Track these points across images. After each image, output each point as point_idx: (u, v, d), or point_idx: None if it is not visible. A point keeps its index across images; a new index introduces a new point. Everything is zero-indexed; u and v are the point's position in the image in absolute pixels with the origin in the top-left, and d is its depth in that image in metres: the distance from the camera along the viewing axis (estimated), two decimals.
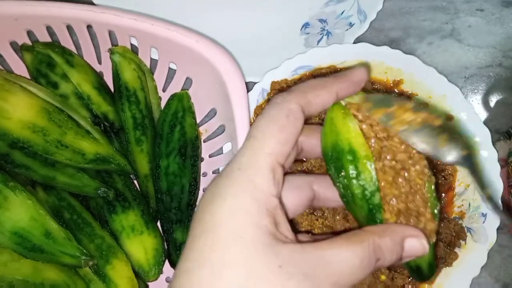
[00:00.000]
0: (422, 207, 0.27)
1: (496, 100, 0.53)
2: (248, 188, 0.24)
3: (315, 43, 0.53)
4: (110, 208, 0.42)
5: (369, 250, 0.24)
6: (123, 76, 0.44)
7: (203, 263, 0.22)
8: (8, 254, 0.37)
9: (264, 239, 0.22)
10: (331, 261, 0.23)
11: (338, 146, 0.26)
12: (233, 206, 0.23)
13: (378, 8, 0.51)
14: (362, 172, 0.26)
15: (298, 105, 0.25)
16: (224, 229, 0.23)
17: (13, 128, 0.38)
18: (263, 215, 0.23)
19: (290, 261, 0.22)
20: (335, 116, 0.27)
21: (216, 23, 0.55)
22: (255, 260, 0.22)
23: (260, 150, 0.24)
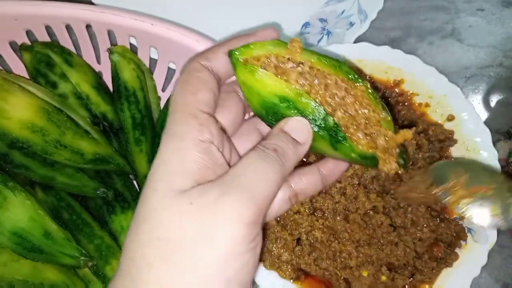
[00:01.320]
0: (377, 124, 0.27)
1: (497, 100, 0.53)
2: (171, 141, 0.24)
3: (315, 43, 0.53)
4: (110, 209, 0.42)
5: (261, 147, 0.25)
6: (122, 76, 0.43)
7: (132, 225, 0.24)
8: (7, 254, 0.36)
9: (178, 185, 0.23)
10: (236, 173, 0.24)
11: (268, 103, 0.27)
12: (157, 164, 0.24)
13: (379, 8, 0.51)
14: (305, 108, 0.26)
15: (196, 62, 0.27)
16: (147, 189, 0.24)
17: (12, 128, 0.38)
18: (185, 162, 0.24)
19: (200, 195, 0.23)
20: (245, 78, 0.27)
21: (216, 22, 0.55)
22: (165, 208, 0.23)
23: (176, 108, 0.26)
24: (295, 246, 0.42)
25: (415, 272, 0.42)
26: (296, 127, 0.27)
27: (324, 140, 0.27)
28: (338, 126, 0.27)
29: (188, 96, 0.25)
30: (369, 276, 0.41)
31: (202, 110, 0.25)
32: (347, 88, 0.27)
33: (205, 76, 0.26)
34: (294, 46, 0.27)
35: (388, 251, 0.42)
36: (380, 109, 0.28)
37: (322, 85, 0.27)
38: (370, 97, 0.27)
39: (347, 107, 0.27)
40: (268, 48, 0.27)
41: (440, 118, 0.46)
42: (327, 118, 0.26)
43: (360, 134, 0.27)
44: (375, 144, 0.28)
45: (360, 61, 0.47)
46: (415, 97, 0.47)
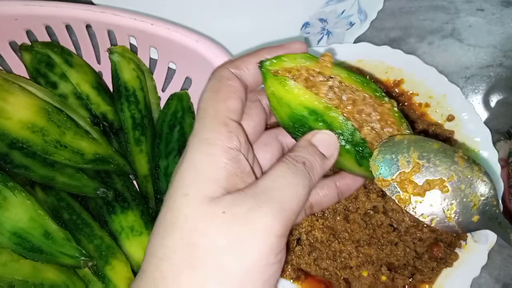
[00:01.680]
0: (396, 130, 0.28)
1: (497, 100, 0.53)
2: (201, 146, 0.24)
3: (315, 43, 0.53)
4: (109, 209, 0.42)
5: (290, 160, 0.25)
6: (122, 76, 0.43)
7: (158, 230, 0.24)
8: (8, 254, 0.36)
9: (209, 192, 0.23)
10: (267, 186, 0.24)
11: (296, 115, 0.27)
12: (185, 168, 0.24)
13: (379, 8, 0.51)
14: (333, 122, 0.26)
15: (227, 70, 0.27)
16: (175, 193, 0.24)
17: (12, 128, 0.38)
18: (215, 168, 0.24)
19: (232, 204, 0.23)
20: (275, 89, 0.26)
21: (216, 23, 0.55)
22: (198, 215, 0.23)
23: (206, 115, 0.26)
24: (295, 246, 0.42)
25: (415, 272, 0.42)
26: (324, 140, 0.27)
27: (349, 155, 0.27)
28: (364, 142, 0.27)
29: (218, 103, 0.26)
30: (369, 276, 0.41)
31: (231, 118, 0.25)
32: (374, 105, 0.27)
33: (235, 84, 0.27)
34: (325, 61, 0.27)
35: (388, 251, 0.42)
36: (404, 128, 0.28)
37: (350, 100, 0.27)
38: (395, 115, 0.28)
39: (373, 124, 0.27)
40: (299, 61, 0.27)
41: (440, 118, 0.46)
42: (354, 133, 0.26)
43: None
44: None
45: (360, 61, 0.47)
46: (415, 97, 0.47)
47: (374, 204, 0.42)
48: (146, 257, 0.24)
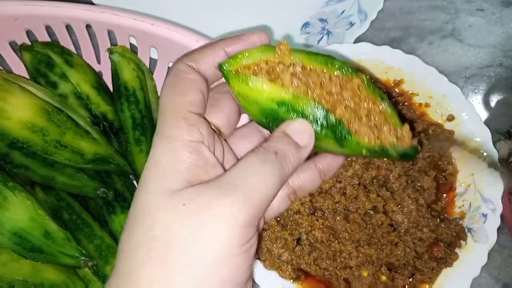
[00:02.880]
0: (384, 120, 0.27)
1: (497, 100, 0.53)
2: (162, 142, 0.24)
3: (315, 43, 0.53)
4: (110, 209, 0.42)
5: (262, 150, 0.25)
6: (122, 76, 0.43)
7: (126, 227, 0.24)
8: (8, 254, 0.36)
9: (170, 186, 0.23)
10: (234, 176, 0.23)
11: (266, 110, 0.26)
12: (148, 166, 0.24)
13: (379, 8, 0.51)
14: (304, 109, 0.26)
15: (184, 64, 0.27)
16: (140, 191, 0.24)
17: (12, 128, 0.38)
18: (175, 163, 0.24)
19: (194, 196, 0.23)
20: (239, 88, 0.26)
21: (216, 22, 0.55)
22: (158, 208, 0.23)
23: (166, 110, 0.26)
24: (295, 246, 0.42)
25: (415, 272, 0.42)
26: (297, 129, 0.26)
27: (328, 139, 0.27)
28: (340, 123, 0.26)
29: (177, 97, 0.26)
30: (369, 276, 0.41)
31: (191, 111, 0.25)
32: (342, 83, 0.27)
33: (193, 77, 0.26)
34: (282, 50, 0.27)
35: (388, 251, 0.42)
36: (380, 100, 0.27)
37: (317, 83, 0.26)
38: (368, 89, 0.27)
39: (346, 102, 0.27)
40: (256, 55, 0.27)
41: (440, 118, 0.46)
42: (328, 116, 0.26)
43: (365, 127, 0.27)
44: (382, 135, 0.27)
45: (360, 61, 0.47)
46: (415, 97, 0.47)
47: (374, 204, 0.42)
48: (117, 253, 0.24)
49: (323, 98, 0.26)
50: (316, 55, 0.27)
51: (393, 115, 0.28)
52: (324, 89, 0.26)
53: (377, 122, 0.27)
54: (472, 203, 0.43)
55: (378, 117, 0.27)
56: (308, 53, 0.27)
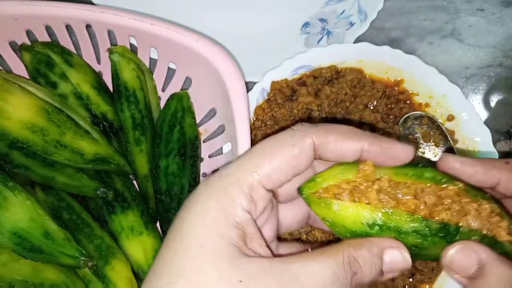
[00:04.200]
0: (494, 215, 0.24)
1: (497, 100, 0.53)
2: (219, 196, 0.23)
3: (315, 43, 0.53)
4: (109, 209, 0.42)
5: (344, 263, 0.22)
6: (122, 76, 0.43)
7: (162, 272, 0.22)
8: (7, 254, 0.36)
9: (227, 250, 0.22)
10: (298, 274, 0.21)
11: (357, 233, 0.24)
12: (200, 213, 0.23)
13: (379, 8, 0.51)
14: (398, 224, 0.24)
15: (311, 141, 0.24)
16: (188, 238, 0.22)
17: (12, 128, 0.38)
18: (229, 225, 0.22)
19: (252, 276, 0.21)
20: (323, 213, 0.24)
21: (215, 22, 0.55)
22: (214, 272, 0.21)
23: (246, 165, 0.24)
24: None
25: (415, 272, 0.42)
26: (395, 260, 0.23)
27: (438, 244, 0.24)
28: (445, 223, 0.24)
29: (266, 164, 0.23)
30: None
31: (265, 187, 0.24)
32: (437, 192, 0.24)
33: (305, 160, 0.24)
34: (366, 170, 0.25)
35: None
36: (484, 200, 0.25)
37: (408, 195, 0.24)
38: (468, 195, 0.25)
39: (446, 206, 0.24)
40: (336, 176, 0.25)
41: (440, 118, 0.46)
42: (429, 223, 0.23)
43: (473, 222, 0.24)
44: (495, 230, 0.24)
45: (360, 61, 0.47)
46: (415, 97, 0.47)
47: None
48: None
49: (419, 207, 0.24)
50: (405, 168, 0.25)
51: (502, 211, 0.25)
52: (417, 200, 0.24)
53: (487, 217, 0.24)
54: None
55: (487, 213, 0.24)
56: (394, 167, 0.25)
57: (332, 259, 0.22)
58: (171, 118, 0.44)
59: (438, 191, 0.24)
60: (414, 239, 0.23)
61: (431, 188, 0.24)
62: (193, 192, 0.25)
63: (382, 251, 0.23)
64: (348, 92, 0.45)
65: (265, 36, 0.54)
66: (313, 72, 0.47)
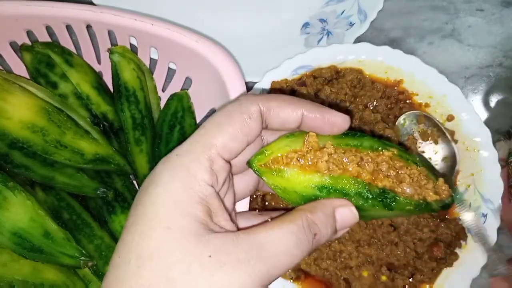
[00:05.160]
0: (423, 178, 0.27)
1: (497, 100, 0.53)
2: (180, 174, 0.23)
3: (315, 43, 0.53)
4: (110, 209, 0.42)
5: (304, 227, 0.23)
6: (123, 76, 0.43)
7: (129, 256, 0.22)
8: (8, 254, 0.36)
9: (193, 228, 0.22)
10: (265, 243, 0.22)
11: (307, 195, 0.26)
12: (162, 194, 0.23)
13: (379, 8, 0.51)
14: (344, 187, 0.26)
15: (257, 107, 0.25)
16: (152, 220, 0.22)
17: (13, 128, 0.38)
18: (194, 203, 0.23)
19: (221, 250, 0.22)
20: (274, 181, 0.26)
21: (216, 23, 0.55)
22: (183, 251, 0.21)
23: (202, 139, 0.24)
24: None
25: (415, 272, 0.42)
26: (346, 216, 0.25)
27: (377, 207, 0.26)
28: (385, 190, 0.26)
29: (220, 135, 0.24)
30: (369, 276, 0.41)
31: (222, 157, 0.24)
32: (375, 159, 0.27)
33: (252, 126, 0.25)
34: (310, 142, 0.26)
35: (388, 251, 0.42)
36: (414, 164, 0.28)
37: (352, 162, 0.26)
38: (401, 158, 0.27)
39: (385, 173, 0.27)
40: (285, 149, 0.26)
41: (440, 118, 0.46)
42: (370, 188, 0.26)
43: (408, 188, 0.27)
44: (424, 192, 0.27)
45: (360, 61, 0.47)
46: (415, 97, 0.47)
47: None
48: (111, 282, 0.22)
49: (360, 174, 0.26)
50: (346, 138, 0.27)
51: (429, 173, 0.28)
52: (360, 167, 0.26)
53: (417, 181, 0.27)
54: (472, 203, 0.43)
55: (417, 177, 0.27)
56: (335, 137, 0.27)
57: (293, 224, 0.23)
58: (171, 118, 0.44)
59: (375, 158, 0.27)
60: (357, 201, 0.26)
61: (370, 156, 0.27)
62: (150, 175, 0.24)
63: (334, 210, 0.25)
64: (348, 92, 0.45)
65: (265, 36, 0.54)
66: (313, 72, 0.47)
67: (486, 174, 0.43)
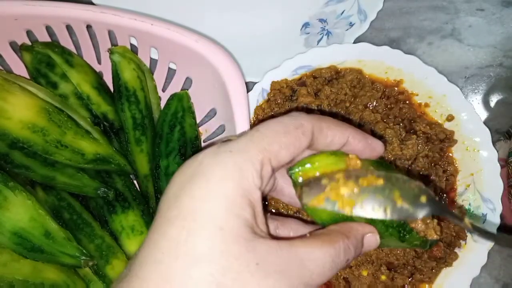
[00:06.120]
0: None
1: (497, 100, 0.53)
2: (235, 174, 0.22)
3: (315, 43, 0.53)
4: (110, 208, 0.42)
5: (341, 251, 0.24)
6: (123, 76, 0.44)
7: (177, 253, 0.21)
8: (8, 254, 0.37)
9: (244, 232, 0.22)
10: (305, 260, 0.23)
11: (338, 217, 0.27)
12: (216, 191, 0.22)
13: (378, 8, 0.51)
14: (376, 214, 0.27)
15: (311, 124, 0.25)
16: (204, 217, 0.22)
17: (13, 128, 0.38)
18: (245, 205, 0.22)
19: (267, 259, 0.22)
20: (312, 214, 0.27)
21: (216, 23, 0.55)
22: (234, 255, 0.21)
23: (258, 142, 0.24)
24: None
25: (415, 271, 0.42)
26: (370, 243, 0.27)
27: (393, 237, 0.28)
28: (405, 222, 0.28)
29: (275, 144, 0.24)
30: (369, 276, 0.41)
31: (272, 164, 0.24)
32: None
33: (304, 143, 0.25)
34: (352, 164, 0.27)
35: (387, 251, 0.42)
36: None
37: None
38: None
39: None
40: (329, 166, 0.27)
41: (440, 118, 0.46)
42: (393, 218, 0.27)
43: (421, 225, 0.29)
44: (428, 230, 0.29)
45: (360, 61, 0.47)
46: (415, 97, 0.47)
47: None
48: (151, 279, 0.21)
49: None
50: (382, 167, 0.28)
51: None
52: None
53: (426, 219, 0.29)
54: (472, 203, 0.44)
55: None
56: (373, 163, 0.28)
57: (332, 248, 0.24)
58: (171, 118, 0.45)
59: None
60: (379, 228, 0.27)
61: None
62: (194, 163, 0.24)
63: (363, 236, 0.26)
64: (348, 92, 0.45)
65: (265, 36, 0.54)
66: (313, 72, 0.47)
67: (486, 174, 0.43)
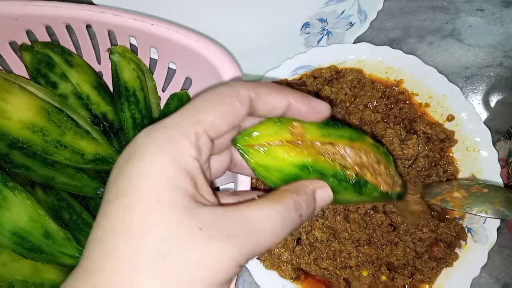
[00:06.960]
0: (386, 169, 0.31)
1: (497, 100, 0.53)
2: (168, 147, 0.23)
3: (315, 43, 0.53)
4: None
5: (291, 208, 0.24)
6: (123, 76, 0.44)
7: (117, 229, 0.21)
8: (8, 254, 0.36)
9: (183, 201, 0.22)
10: (253, 220, 0.23)
11: (289, 176, 0.27)
12: (149, 166, 0.22)
13: (379, 8, 0.51)
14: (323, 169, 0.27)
15: (247, 92, 0.25)
16: (140, 192, 0.22)
17: (13, 128, 0.38)
18: (181, 176, 0.22)
19: (211, 223, 0.22)
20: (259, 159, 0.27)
21: (216, 23, 0.55)
22: (173, 223, 0.21)
23: (191, 114, 0.24)
24: (295, 246, 0.42)
25: (415, 272, 0.42)
26: (323, 198, 0.27)
27: (348, 191, 0.28)
28: (358, 174, 0.28)
29: (208, 113, 0.24)
30: (369, 276, 0.41)
31: (209, 135, 0.24)
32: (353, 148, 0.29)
33: (241, 110, 0.25)
34: (295, 133, 0.27)
35: (388, 251, 0.42)
36: (380, 153, 0.31)
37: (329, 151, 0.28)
38: (373, 148, 0.30)
39: (358, 160, 0.29)
40: (271, 136, 0.27)
41: (440, 118, 0.46)
42: (346, 172, 0.28)
43: (376, 177, 0.30)
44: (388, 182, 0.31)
45: (360, 61, 0.47)
46: (415, 97, 0.47)
47: (374, 204, 0.42)
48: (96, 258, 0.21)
49: (338, 159, 0.28)
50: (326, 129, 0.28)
51: (392, 164, 0.32)
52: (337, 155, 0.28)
53: (382, 172, 0.30)
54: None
55: (382, 168, 0.30)
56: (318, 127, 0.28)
57: (280, 205, 0.24)
58: None
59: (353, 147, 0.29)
60: (332, 183, 0.27)
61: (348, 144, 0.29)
62: (131, 146, 0.24)
63: (314, 191, 0.26)
64: (348, 92, 0.45)
65: (265, 36, 0.54)
66: (313, 72, 0.47)
67: (486, 174, 0.43)
